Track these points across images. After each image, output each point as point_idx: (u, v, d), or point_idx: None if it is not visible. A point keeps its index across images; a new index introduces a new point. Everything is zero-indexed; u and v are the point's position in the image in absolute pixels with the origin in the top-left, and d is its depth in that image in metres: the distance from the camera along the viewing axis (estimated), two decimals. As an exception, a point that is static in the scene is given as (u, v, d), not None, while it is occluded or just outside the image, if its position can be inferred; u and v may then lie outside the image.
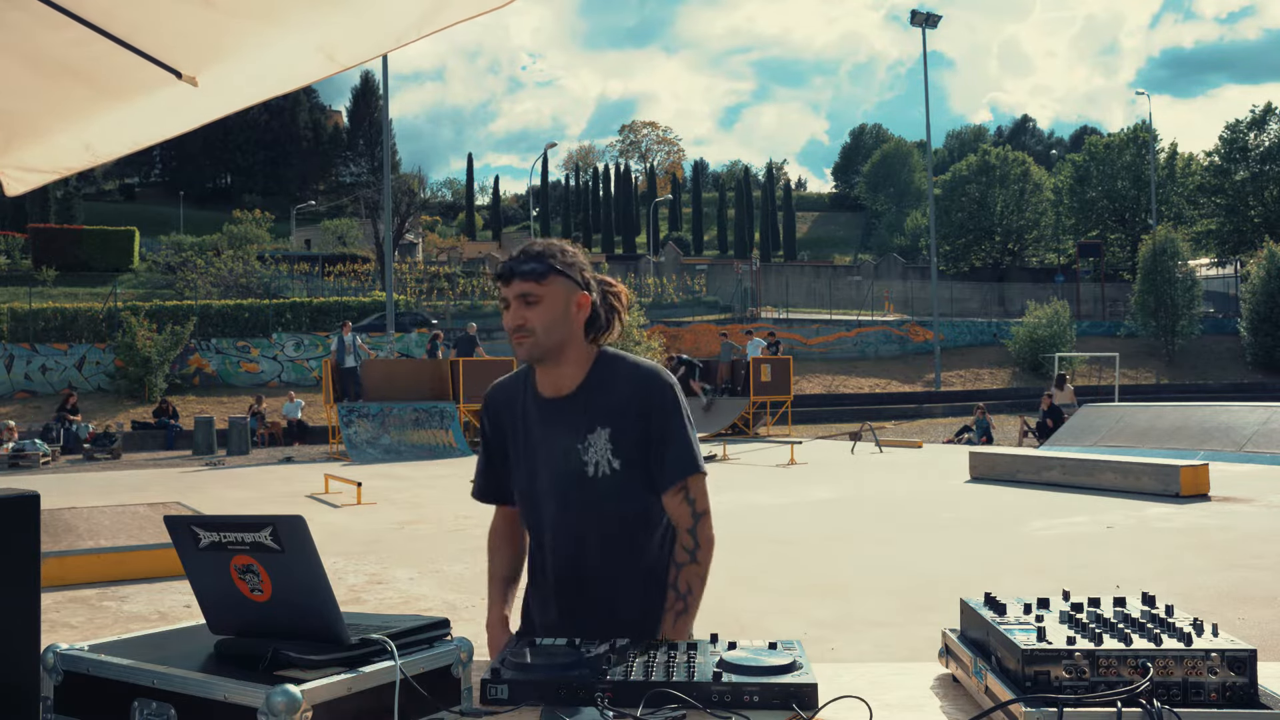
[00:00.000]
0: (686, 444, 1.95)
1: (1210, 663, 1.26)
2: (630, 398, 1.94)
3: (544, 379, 2.00)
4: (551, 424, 1.98)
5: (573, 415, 1.96)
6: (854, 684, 1.51)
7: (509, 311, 1.92)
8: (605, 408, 1.94)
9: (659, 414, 1.94)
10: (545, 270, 1.90)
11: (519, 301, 1.90)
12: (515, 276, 1.90)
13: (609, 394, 1.95)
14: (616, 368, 1.98)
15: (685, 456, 1.94)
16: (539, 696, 1.42)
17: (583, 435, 1.94)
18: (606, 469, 1.93)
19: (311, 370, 28.57)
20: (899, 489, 11.82)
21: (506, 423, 2.05)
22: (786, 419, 23.42)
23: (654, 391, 1.95)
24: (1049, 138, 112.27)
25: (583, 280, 1.95)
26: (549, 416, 1.98)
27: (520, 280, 1.89)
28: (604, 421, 1.94)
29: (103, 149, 2.71)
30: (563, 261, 1.92)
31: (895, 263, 60.83)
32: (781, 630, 5.12)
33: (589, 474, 1.93)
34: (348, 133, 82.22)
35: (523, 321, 1.90)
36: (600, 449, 1.93)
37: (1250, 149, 50.62)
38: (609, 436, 1.93)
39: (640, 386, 1.95)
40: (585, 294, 1.95)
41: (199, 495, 11.83)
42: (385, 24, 2.05)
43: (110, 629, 5.61)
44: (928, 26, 37.36)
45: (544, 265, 1.90)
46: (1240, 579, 6.30)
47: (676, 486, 1.94)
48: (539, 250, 1.92)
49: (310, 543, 1.34)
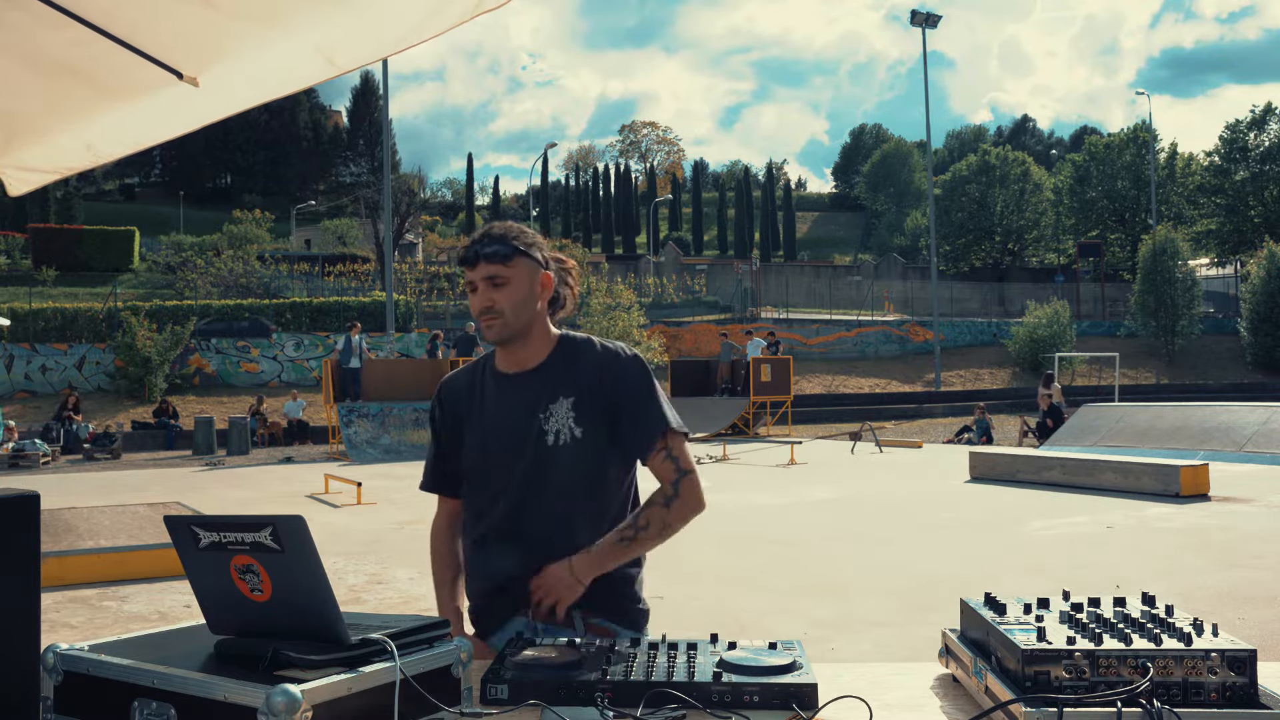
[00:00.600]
0: (658, 405, 1.96)
1: (1210, 663, 1.26)
2: (595, 368, 1.96)
3: (506, 358, 2.01)
4: (511, 395, 1.99)
5: (534, 386, 1.97)
6: (854, 684, 1.51)
7: (476, 295, 1.93)
8: (569, 378, 1.96)
9: (627, 383, 1.95)
10: (510, 252, 1.92)
11: (486, 284, 1.92)
12: (480, 259, 1.92)
13: (573, 366, 1.97)
14: (582, 345, 2.01)
15: (658, 415, 1.95)
16: (539, 696, 1.42)
17: (544, 405, 1.95)
18: (568, 436, 1.94)
19: (311, 370, 28.57)
20: (899, 489, 11.82)
21: (463, 407, 2.05)
22: (786, 419, 23.42)
23: (621, 363, 1.97)
24: (1049, 138, 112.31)
25: (543, 260, 1.97)
26: (509, 389, 2.00)
27: (486, 263, 1.91)
28: (567, 391, 1.95)
29: (104, 149, 2.71)
30: (525, 242, 1.94)
31: (895, 263, 60.84)
32: (781, 630, 5.12)
33: (548, 441, 1.94)
34: (348, 133, 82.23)
35: (491, 303, 1.92)
36: (562, 417, 1.94)
37: (1250, 149, 50.62)
38: (572, 405, 1.94)
39: (606, 359, 1.97)
40: (548, 273, 1.98)
41: (199, 495, 11.83)
42: (385, 28, 2.05)
43: (110, 629, 5.61)
44: (928, 26, 37.37)
45: (509, 247, 1.92)
46: (1240, 579, 6.30)
47: (657, 447, 1.94)
48: (501, 233, 1.95)
49: (310, 543, 1.34)
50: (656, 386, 1.98)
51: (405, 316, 31.23)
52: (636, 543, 1.92)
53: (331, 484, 12.53)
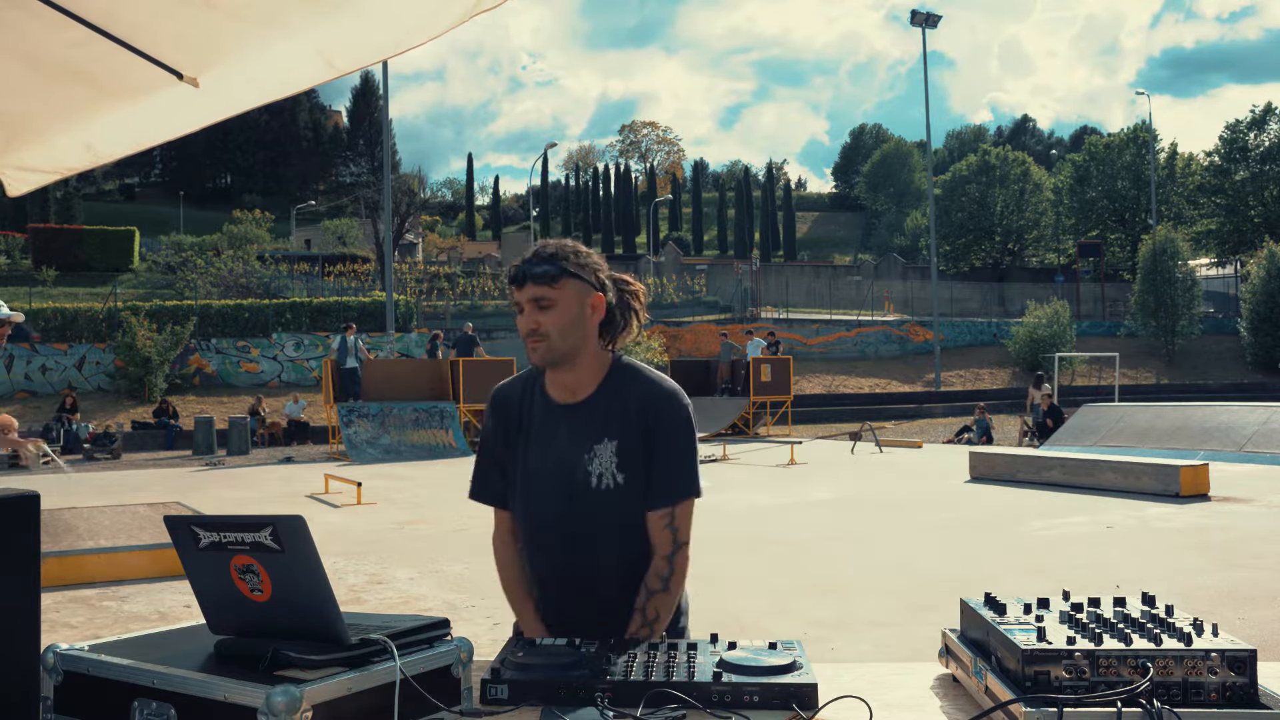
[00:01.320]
0: (681, 466, 1.91)
1: (1210, 663, 1.26)
2: (641, 412, 1.91)
3: (556, 383, 1.96)
4: (558, 430, 1.94)
5: (581, 423, 1.93)
6: (854, 684, 1.51)
7: (522, 316, 1.88)
8: (615, 419, 1.91)
9: (664, 432, 1.91)
10: (558, 273, 1.86)
11: (532, 305, 1.86)
12: (528, 280, 1.86)
13: (620, 405, 1.92)
14: (632, 379, 1.95)
15: (678, 478, 1.91)
16: (539, 696, 1.42)
17: (589, 445, 1.91)
18: (610, 481, 1.90)
19: (311, 370, 28.57)
20: (899, 489, 11.82)
21: (512, 424, 2.00)
22: (786, 419, 23.42)
23: (665, 410, 1.91)
24: (1049, 138, 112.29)
25: (597, 281, 1.91)
26: (557, 421, 1.95)
27: (533, 284, 1.85)
28: (612, 433, 1.91)
29: (103, 150, 2.71)
30: (575, 263, 1.88)
31: (895, 263, 60.84)
32: (781, 630, 5.12)
33: (592, 484, 1.90)
34: (348, 133, 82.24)
35: (536, 325, 1.86)
36: (605, 460, 1.90)
37: (1250, 149, 50.60)
38: (615, 449, 1.90)
39: (653, 403, 1.91)
40: (600, 295, 1.91)
41: (199, 495, 11.83)
42: (385, 30, 2.05)
43: (110, 629, 5.61)
44: (928, 26, 37.36)
45: (556, 268, 1.86)
46: (1240, 579, 6.30)
47: (663, 510, 1.91)
48: (551, 252, 1.88)
49: (310, 543, 1.34)
50: (691, 443, 1.93)
51: (405, 316, 31.24)
52: (657, 634, 1.89)
53: (331, 484, 12.52)
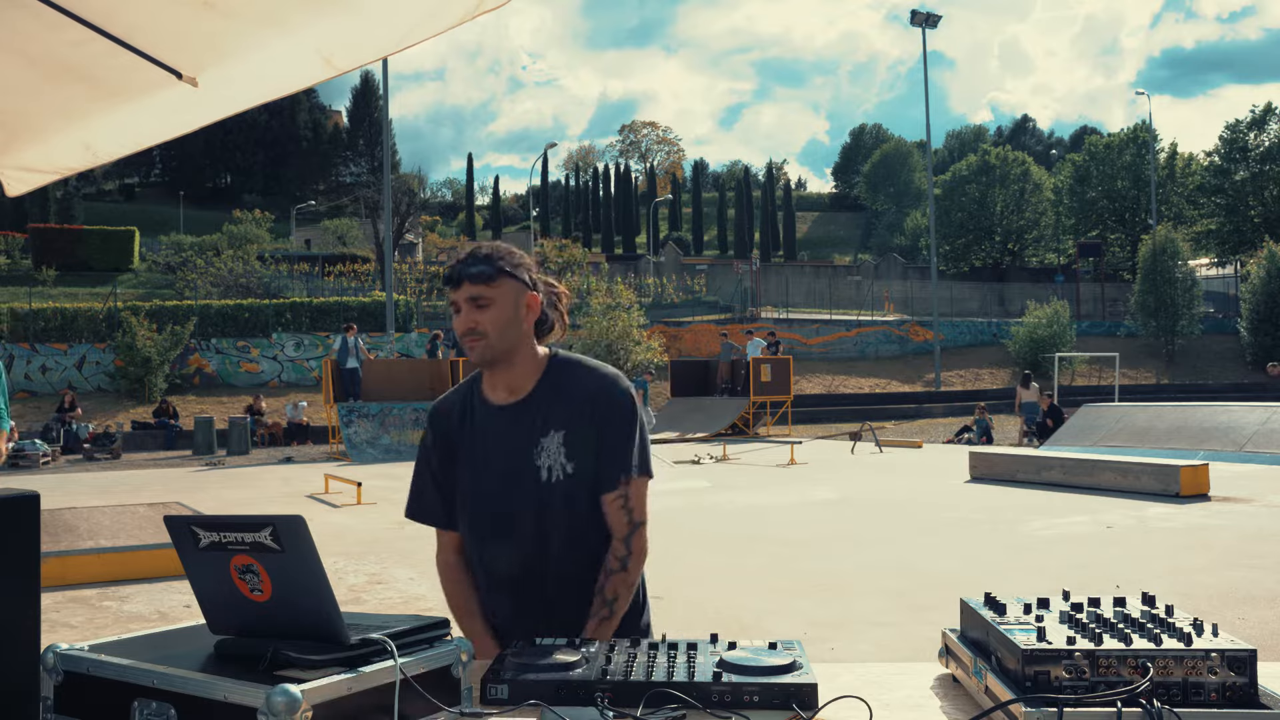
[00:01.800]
0: (630, 446, 1.92)
1: (1210, 663, 1.26)
2: (585, 401, 1.92)
3: (494, 384, 1.97)
4: (503, 429, 1.95)
5: (525, 419, 1.94)
6: (854, 684, 1.51)
7: (459, 316, 1.90)
8: (559, 411, 1.93)
9: (611, 418, 1.92)
10: (494, 273, 1.88)
11: (469, 305, 1.89)
12: (464, 280, 1.88)
13: (563, 397, 1.93)
14: (572, 372, 1.96)
15: (627, 457, 1.92)
16: (539, 696, 1.42)
17: (535, 439, 1.92)
18: (560, 473, 1.91)
19: (311, 370, 28.57)
20: (899, 489, 11.82)
21: (454, 433, 2.01)
22: (786, 419, 23.42)
23: (609, 395, 1.93)
24: (1049, 138, 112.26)
25: (530, 281, 1.94)
26: (500, 422, 1.96)
27: (470, 283, 1.88)
28: (557, 425, 1.92)
29: (103, 150, 2.71)
30: (511, 263, 1.91)
31: (895, 263, 60.85)
32: (781, 630, 5.12)
33: (541, 478, 1.91)
34: (348, 133, 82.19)
35: (474, 324, 1.88)
36: (553, 453, 1.91)
37: (1250, 149, 50.60)
38: (562, 439, 1.91)
39: (596, 390, 1.93)
40: (534, 294, 1.94)
41: (199, 495, 11.83)
42: (384, 28, 2.05)
43: (110, 629, 5.61)
44: (928, 26, 37.37)
45: (493, 268, 1.88)
46: (1240, 579, 6.31)
47: (616, 492, 1.92)
48: (487, 253, 1.91)
49: (310, 543, 1.34)
50: (637, 424, 1.95)
51: (405, 316, 31.24)
52: (615, 617, 1.90)
53: (331, 484, 12.53)
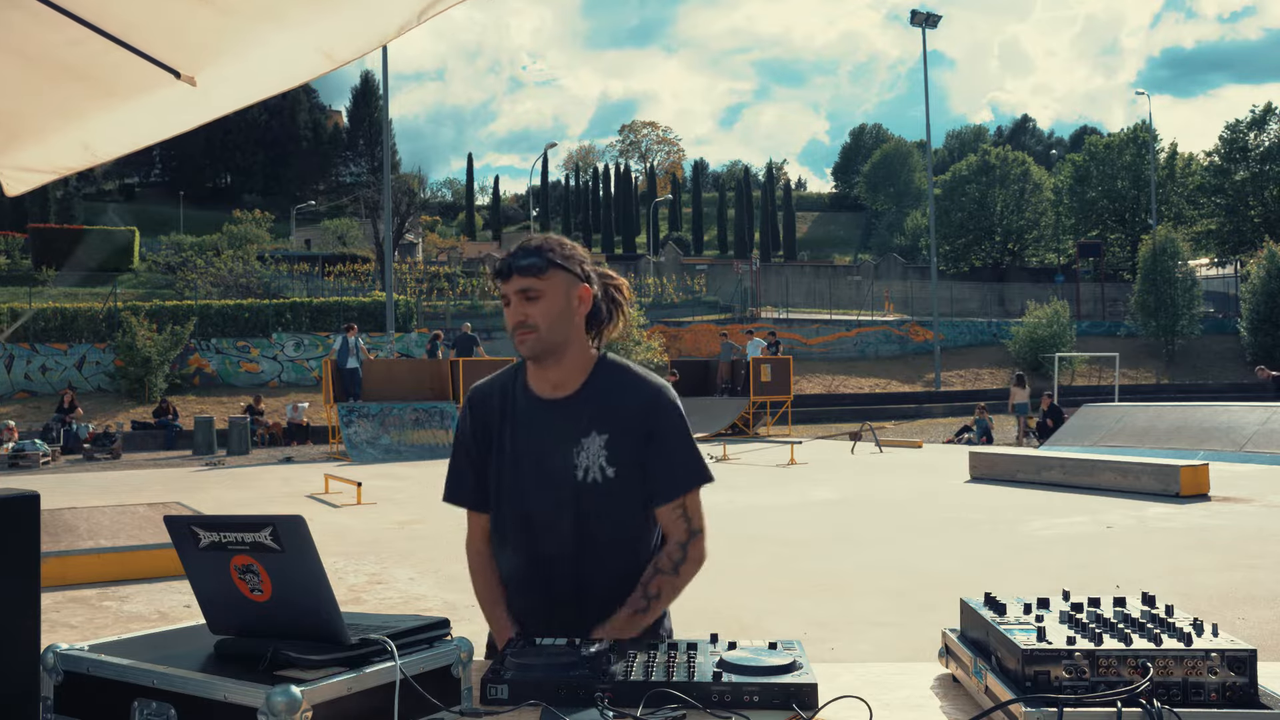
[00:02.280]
0: (688, 456, 1.91)
1: (1210, 663, 1.26)
2: (633, 408, 1.89)
3: (540, 378, 1.94)
4: (544, 424, 1.92)
5: (568, 417, 1.91)
6: (854, 684, 1.51)
7: (510, 308, 1.87)
8: (605, 413, 1.89)
9: (662, 427, 1.90)
10: (545, 265, 1.85)
11: (519, 297, 1.85)
12: (514, 272, 1.85)
13: (610, 400, 1.90)
14: (620, 376, 1.93)
15: (685, 468, 1.90)
16: (539, 696, 1.42)
17: (577, 439, 1.89)
18: (598, 475, 1.88)
19: (311, 370, 28.57)
20: (899, 489, 11.82)
21: (494, 421, 1.97)
22: (786, 419, 23.42)
23: (659, 405, 1.91)
24: (1049, 138, 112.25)
25: (583, 273, 1.90)
26: (542, 416, 1.93)
27: (520, 275, 1.85)
28: (601, 427, 1.89)
29: (101, 149, 2.71)
30: (562, 255, 1.88)
31: (895, 263, 60.84)
32: (781, 630, 5.12)
33: (577, 478, 1.88)
34: (348, 133, 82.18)
35: (524, 317, 1.85)
36: (593, 454, 1.88)
37: (1250, 149, 50.62)
38: (605, 443, 1.88)
39: (645, 399, 1.91)
40: (586, 287, 1.90)
41: (199, 495, 11.83)
42: (384, 15, 2.03)
43: (110, 629, 5.61)
44: (928, 26, 37.37)
45: (544, 259, 1.85)
46: (1240, 579, 6.31)
47: (675, 502, 1.90)
48: (537, 244, 1.88)
49: (310, 543, 1.34)
50: (688, 434, 1.93)
51: (405, 316, 31.25)
52: (650, 613, 1.88)
53: (331, 484, 12.53)
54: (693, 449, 1.93)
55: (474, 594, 2.05)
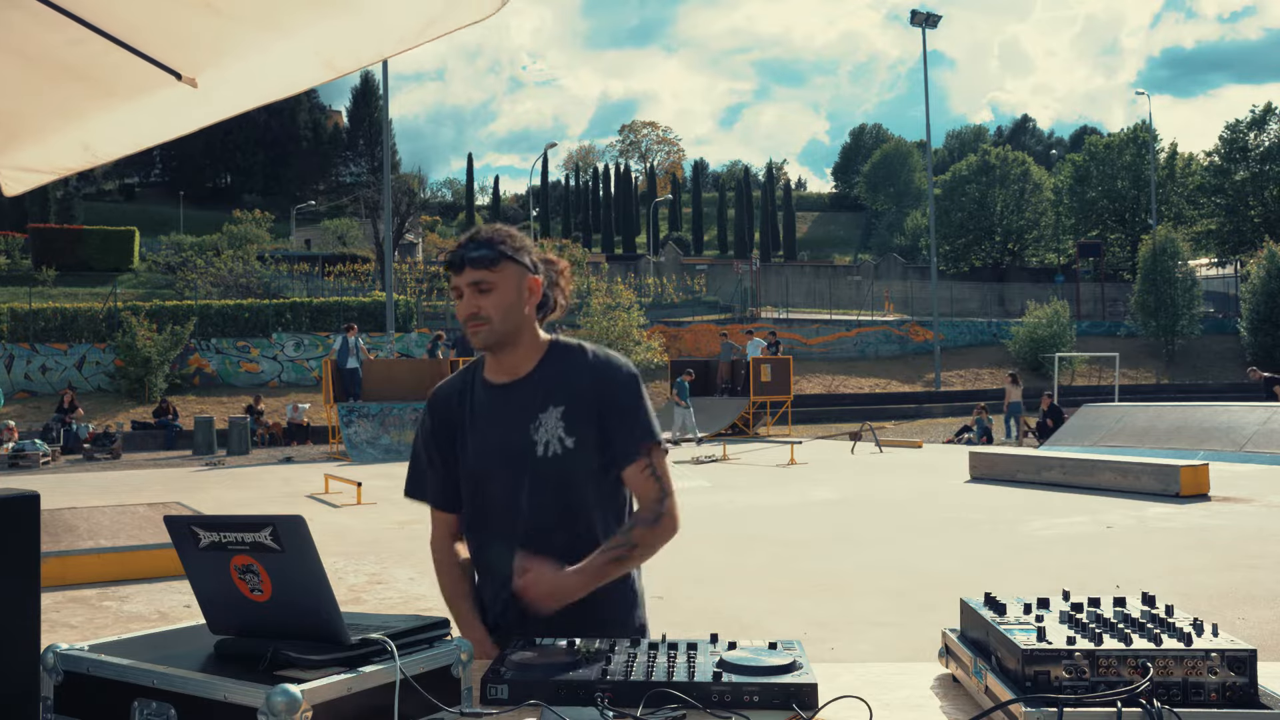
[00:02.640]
0: (646, 418, 1.93)
1: (1210, 663, 1.26)
2: (587, 378, 1.93)
3: (496, 367, 1.98)
4: (501, 406, 1.96)
5: (524, 396, 1.94)
6: (854, 684, 1.51)
7: (463, 300, 1.91)
8: (559, 387, 1.93)
9: (618, 393, 1.92)
10: (496, 257, 1.89)
11: (472, 290, 1.89)
12: (466, 264, 1.89)
13: (564, 375, 1.94)
14: (574, 355, 1.97)
15: (644, 427, 1.92)
16: (539, 696, 1.42)
17: (534, 414, 1.92)
18: (558, 447, 1.90)
19: (311, 370, 28.56)
20: (899, 489, 11.82)
21: (455, 417, 2.01)
22: (786, 419, 23.42)
23: (613, 371, 1.94)
24: (1049, 138, 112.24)
25: (532, 264, 1.94)
26: (498, 400, 1.96)
27: (472, 268, 1.89)
28: (557, 400, 1.92)
29: (101, 150, 2.70)
30: (512, 246, 1.91)
31: (895, 263, 60.84)
32: (781, 630, 5.12)
33: (538, 453, 1.91)
34: (348, 133, 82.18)
35: (477, 309, 1.89)
36: (551, 427, 1.91)
37: (1250, 149, 50.62)
38: (561, 414, 1.91)
39: (598, 369, 1.94)
40: (535, 277, 1.94)
41: (199, 495, 11.84)
42: (384, 30, 2.04)
43: (110, 629, 5.61)
44: (928, 26, 37.35)
45: (495, 252, 1.89)
46: (1240, 579, 6.31)
47: (640, 461, 1.91)
48: (488, 236, 1.91)
49: (310, 543, 1.34)
50: (645, 398, 1.95)
51: (405, 316, 31.24)
52: (629, 560, 1.88)
53: (331, 484, 12.53)
54: (648, 410, 1.95)
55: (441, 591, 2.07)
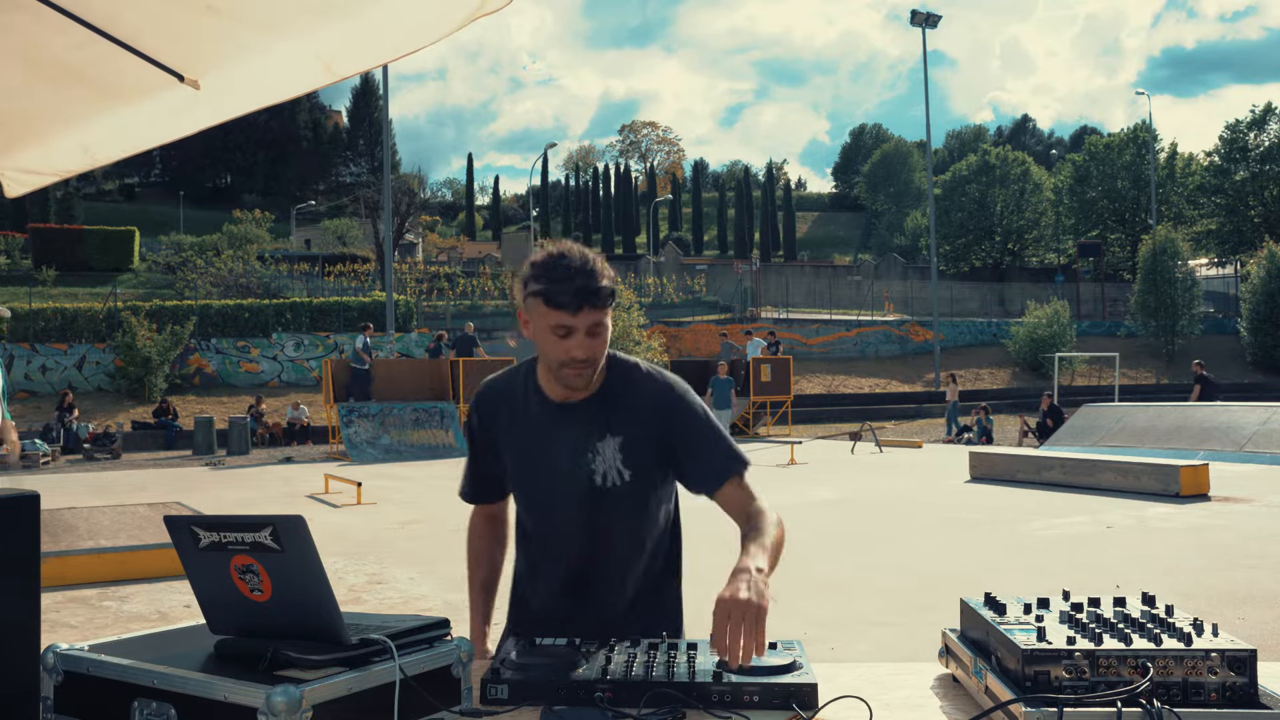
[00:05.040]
0: (725, 443, 1.87)
1: (1210, 663, 1.26)
2: (648, 407, 1.86)
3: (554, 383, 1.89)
4: (558, 429, 1.88)
5: (582, 421, 1.87)
6: (854, 684, 1.51)
7: (572, 341, 1.73)
8: (619, 415, 1.86)
9: (684, 421, 1.85)
10: (611, 296, 1.75)
11: (588, 333, 1.72)
12: (584, 305, 1.71)
13: (623, 401, 1.86)
14: (631, 374, 1.89)
15: (730, 456, 1.85)
16: (539, 696, 1.42)
17: (592, 443, 1.86)
18: (616, 479, 1.85)
19: (311, 370, 28.56)
20: (899, 489, 11.81)
21: (503, 422, 1.94)
22: (786, 419, 23.41)
23: (671, 403, 1.87)
24: (1049, 138, 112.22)
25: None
26: (556, 421, 1.88)
27: (590, 308, 1.71)
28: (616, 429, 1.85)
29: (101, 152, 2.71)
30: (612, 278, 1.77)
31: (895, 263, 60.82)
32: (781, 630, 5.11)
33: (596, 483, 1.86)
34: (348, 133, 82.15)
35: (591, 353, 1.74)
36: (609, 458, 1.85)
37: (1250, 149, 50.59)
38: (620, 445, 1.85)
39: (659, 395, 1.87)
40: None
41: (199, 495, 11.83)
42: (384, 35, 2.05)
43: (110, 629, 5.61)
44: (928, 26, 37.34)
45: (610, 291, 1.74)
46: (1240, 579, 6.30)
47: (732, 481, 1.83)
48: (596, 270, 1.73)
49: (310, 543, 1.34)
50: (716, 423, 1.89)
51: (405, 316, 31.24)
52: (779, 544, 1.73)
53: (331, 484, 12.53)
54: (721, 437, 1.87)
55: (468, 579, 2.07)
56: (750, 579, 1.52)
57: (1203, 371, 21.46)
